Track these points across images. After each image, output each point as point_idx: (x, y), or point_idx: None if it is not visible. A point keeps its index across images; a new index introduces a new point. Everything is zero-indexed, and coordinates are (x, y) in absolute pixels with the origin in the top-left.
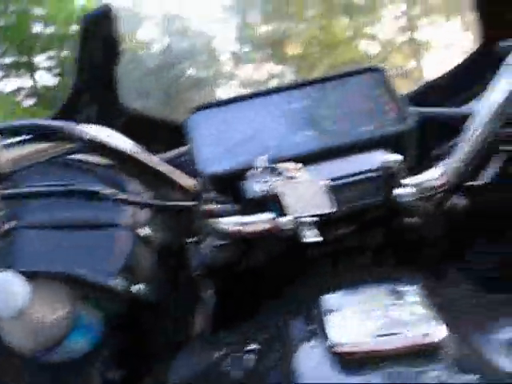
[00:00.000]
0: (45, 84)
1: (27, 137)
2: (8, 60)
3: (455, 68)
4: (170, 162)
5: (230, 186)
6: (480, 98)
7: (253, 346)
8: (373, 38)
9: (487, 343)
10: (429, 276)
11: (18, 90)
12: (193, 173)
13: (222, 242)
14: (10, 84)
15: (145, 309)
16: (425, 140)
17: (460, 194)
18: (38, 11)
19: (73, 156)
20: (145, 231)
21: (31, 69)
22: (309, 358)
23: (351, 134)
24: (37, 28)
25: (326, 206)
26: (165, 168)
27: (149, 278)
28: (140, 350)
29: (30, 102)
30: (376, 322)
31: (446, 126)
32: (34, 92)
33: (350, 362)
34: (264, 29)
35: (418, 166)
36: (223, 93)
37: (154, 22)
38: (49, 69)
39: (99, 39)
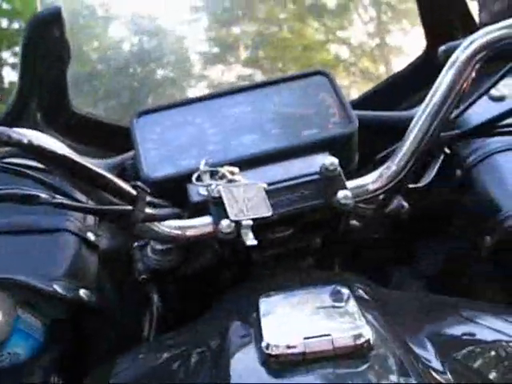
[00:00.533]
0: (11, 80)
1: None
2: None
3: (401, 72)
4: (116, 166)
5: (173, 191)
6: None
7: (197, 349)
8: (343, 42)
9: (422, 345)
10: (369, 278)
11: None
12: (137, 177)
13: (166, 246)
14: None
15: (88, 314)
16: (370, 144)
17: (401, 196)
18: (4, 6)
19: (7, 160)
20: (90, 236)
21: None
22: (244, 360)
23: (294, 137)
24: (2, 23)
25: (263, 210)
26: (103, 174)
27: (93, 283)
28: (83, 356)
29: None
30: (308, 324)
31: (390, 130)
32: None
33: (281, 363)
34: (234, 30)
35: (362, 169)
36: (192, 94)
37: (123, 21)
38: (14, 65)
39: (46, 42)
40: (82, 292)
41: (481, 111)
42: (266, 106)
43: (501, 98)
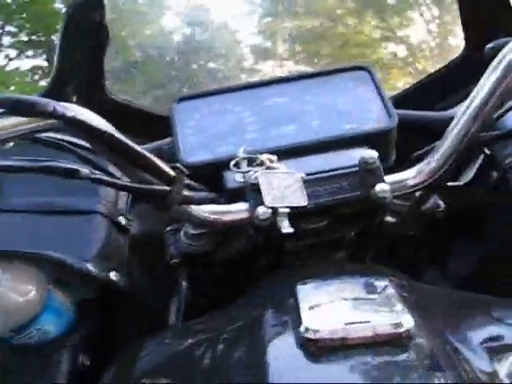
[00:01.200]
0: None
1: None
2: (24, 37)
3: (440, 71)
4: (153, 151)
5: (210, 177)
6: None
7: (229, 334)
8: (402, 40)
9: (458, 340)
10: (404, 273)
11: (33, 69)
12: (174, 163)
13: (200, 231)
14: (24, 62)
15: (118, 296)
16: (408, 142)
17: (439, 194)
18: None
19: (48, 134)
20: (121, 220)
21: (48, 48)
22: (281, 344)
23: (333, 130)
24: (56, 5)
25: (300, 199)
26: (143, 153)
27: (123, 266)
28: (111, 338)
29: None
30: (348, 311)
31: (428, 129)
32: (50, 72)
33: (320, 348)
34: (289, 24)
35: (399, 167)
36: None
37: (175, 11)
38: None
39: (86, 26)
40: (113, 273)
41: None
42: (306, 97)
43: None
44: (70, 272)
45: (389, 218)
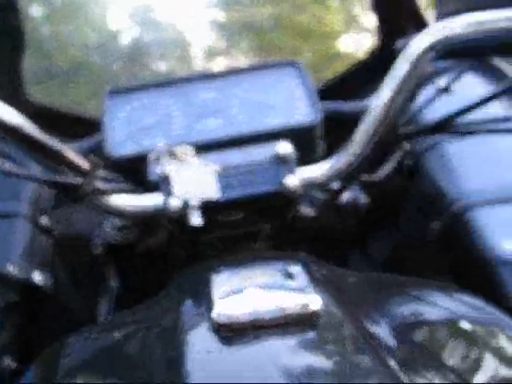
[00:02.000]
0: None
1: None
2: None
3: (360, 63)
4: (86, 148)
5: (136, 171)
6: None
7: (150, 327)
8: (367, 30)
9: (372, 320)
10: (320, 260)
11: None
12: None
13: (123, 223)
14: None
15: (43, 298)
16: (337, 134)
17: (360, 189)
18: None
19: None
20: (44, 220)
21: None
22: (196, 330)
23: (257, 124)
24: None
25: (211, 192)
26: (57, 146)
27: (47, 267)
28: (38, 339)
29: None
30: (259, 296)
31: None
32: None
33: (231, 331)
34: (245, 13)
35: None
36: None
37: (123, 11)
38: None
39: (1, 30)
40: (36, 275)
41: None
42: (234, 92)
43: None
44: None
45: (307, 210)
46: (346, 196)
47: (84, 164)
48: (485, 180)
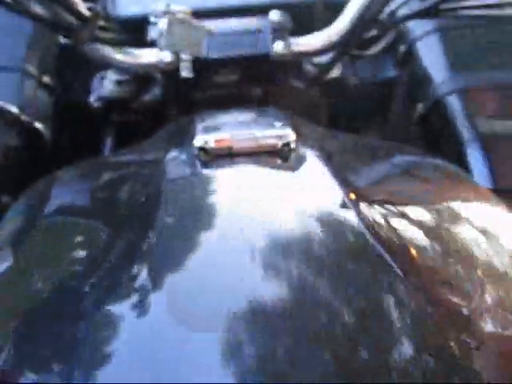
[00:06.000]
0: None
1: None
2: None
3: None
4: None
5: (139, 31)
6: None
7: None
8: None
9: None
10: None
11: None
12: None
13: (122, 78)
14: None
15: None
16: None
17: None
18: None
19: None
20: (48, 79)
21: None
22: (178, 157)
23: None
24: None
25: (202, 49)
26: None
27: (48, 122)
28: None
29: None
30: (237, 128)
31: None
32: None
33: (211, 156)
34: None
35: None
36: None
37: None
38: None
39: None
40: (38, 123)
41: None
42: None
43: None
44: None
45: (296, 82)
46: (335, 72)
47: (86, 11)
48: (472, 67)
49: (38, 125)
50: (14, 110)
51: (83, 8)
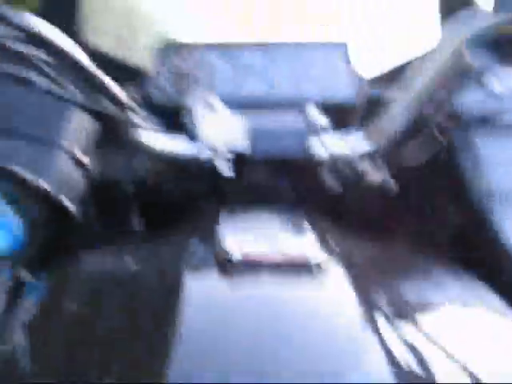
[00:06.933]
0: None
1: None
2: None
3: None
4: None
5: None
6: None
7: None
8: None
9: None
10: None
11: None
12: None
13: (154, 163)
14: None
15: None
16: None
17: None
18: None
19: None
20: (83, 157)
21: None
22: (196, 264)
23: (297, 92)
24: None
25: (240, 145)
26: (102, 76)
27: (78, 199)
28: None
29: None
30: (263, 239)
31: None
32: None
33: (232, 268)
34: None
35: None
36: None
37: None
38: None
39: None
40: (66, 200)
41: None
42: (282, 61)
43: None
44: (25, 188)
45: (332, 183)
46: (373, 177)
47: (125, 98)
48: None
49: (68, 203)
50: (46, 185)
51: (122, 94)
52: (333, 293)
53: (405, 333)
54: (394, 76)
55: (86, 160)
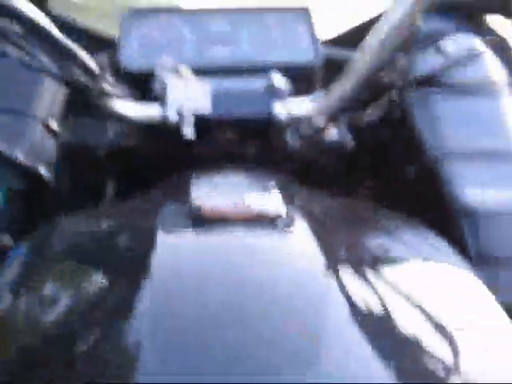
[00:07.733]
0: None
1: None
2: None
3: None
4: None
5: (142, 85)
6: None
7: (132, 214)
8: None
9: (335, 241)
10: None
11: None
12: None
13: (125, 128)
14: None
15: (44, 191)
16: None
17: (344, 129)
18: None
19: None
20: (54, 124)
21: None
22: (169, 220)
23: (261, 57)
24: None
25: (204, 108)
26: (71, 45)
27: (51, 167)
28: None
29: None
30: (231, 197)
31: None
32: None
33: (204, 221)
34: None
35: None
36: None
37: None
38: None
39: None
40: (41, 168)
41: (426, 62)
42: (245, 27)
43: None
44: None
45: (292, 142)
46: (331, 134)
47: (94, 66)
48: (462, 137)
49: (41, 169)
50: (18, 153)
51: (92, 63)
52: (297, 244)
53: (367, 281)
54: (353, 37)
55: (58, 128)
